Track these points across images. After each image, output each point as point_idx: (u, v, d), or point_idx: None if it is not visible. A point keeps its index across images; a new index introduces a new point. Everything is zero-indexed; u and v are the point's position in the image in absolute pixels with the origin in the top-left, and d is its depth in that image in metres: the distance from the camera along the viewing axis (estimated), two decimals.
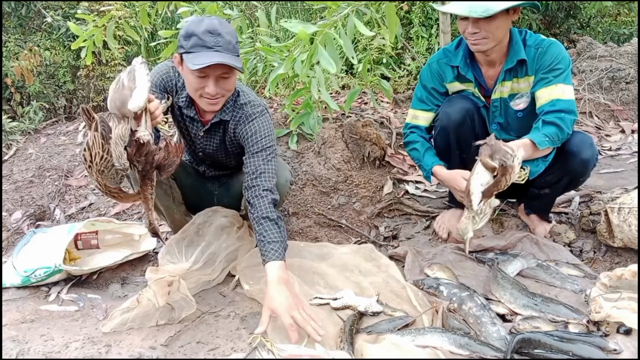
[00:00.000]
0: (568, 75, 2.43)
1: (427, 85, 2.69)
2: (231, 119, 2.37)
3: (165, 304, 2.19)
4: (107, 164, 1.90)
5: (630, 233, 2.31)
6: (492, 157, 2.14)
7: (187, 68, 2.14)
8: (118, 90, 1.94)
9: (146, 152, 1.98)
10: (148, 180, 2.06)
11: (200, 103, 2.27)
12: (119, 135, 1.88)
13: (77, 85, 5.30)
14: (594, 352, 1.79)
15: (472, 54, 2.55)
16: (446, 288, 2.25)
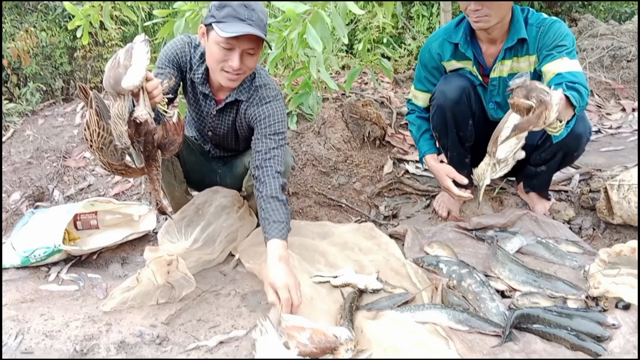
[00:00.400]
0: (573, 52, 2.40)
1: (427, 65, 2.68)
2: (246, 99, 2.36)
3: (165, 283, 2.19)
4: (105, 141, 1.89)
5: (630, 210, 2.31)
6: (527, 96, 2.00)
7: (213, 38, 2.10)
8: (113, 68, 1.90)
9: (145, 132, 1.95)
10: (152, 161, 2.03)
11: (219, 77, 2.22)
12: (117, 114, 1.86)
13: (74, 66, 5.26)
14: (593, 327, 1.80)
15: (472, 32, 2.53)
16: (446, 265, 2.25)
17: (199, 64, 2.32)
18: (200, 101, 2.42)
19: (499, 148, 2.11)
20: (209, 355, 1.88)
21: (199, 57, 2.32)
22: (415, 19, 5.14)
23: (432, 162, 2.71)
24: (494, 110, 2.68)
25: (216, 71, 2.20)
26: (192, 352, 1.90)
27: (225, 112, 2.42)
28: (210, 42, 2.14)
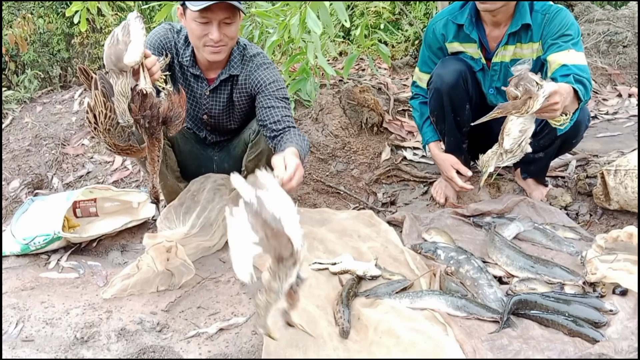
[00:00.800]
0: (579, 42, 2.40)
1: (431, 46, 2.68)
2: (241, 73, 2.39)
3: (165, 270, 2.21)
4: (113, 122, 1.91)
5: (627, 195, 2.32)
6: (517, 85, 2.06)
7: (190, 16, 2.17)
8: (113, 45, 1.93)
9: (150, 105, 1.96)
10: (155, 140, 2.04)
11: (204, 53, 2.27)
12: (120, 91, 1.89)
13: (71, 53, 5.25)
14: (590, 313, 1.82)
15: (477, 13, 2.52)
16: (444, 251, 2.26)
17: (185, 47, 2.37)
18: (192, 84, 2.44)
19: (504, 138, 2.15)
20: (210, 342, 1.90)
21: (184, 41, 2.37)
22: (412, 5, 5.10)
23: (436, 150, 2.73)
24: (493, 95, 2.68)
25: (199, 48, 2.26)
26: (192, 339, 1.92)
27: (219, 91, 2.44)
28: (188, 21, 2.22)
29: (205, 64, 2.40)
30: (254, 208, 1.69)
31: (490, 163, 2.25)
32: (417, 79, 2.81)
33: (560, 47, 2.37)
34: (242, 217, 1.73)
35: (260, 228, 1.67)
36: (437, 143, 2.75)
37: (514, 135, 2.15)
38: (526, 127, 2.16)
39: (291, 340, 1.77)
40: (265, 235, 1.67)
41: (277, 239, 1.66)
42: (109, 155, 3.49)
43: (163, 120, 2.02)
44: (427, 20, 4.81)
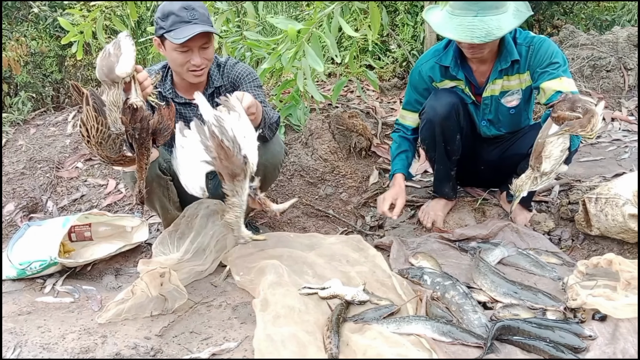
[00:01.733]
0: (567, 69, 2.51)
1: (417, 87, 2.78)
2: (226, 82, 2.55)
3: (159, 295, 2.26)
4: (104, 135, 1.99)
5: (607, 222, 2.40)
6: (572, 108, 2.12)
7: (170, 46, 2.31)
8: (105, 58, 2.03)
9: (140, 118, 2.04)
10: (144, 149, 2.12)
11: (187, 77, 2.42)
12: (111, 101, 1.98)
13: (64, 74, 5.29)
14: (570, 339, 1.88)
15: (462, 54, 2.62)
16: (430, 277, 2.33)
17: (162, 81, 2.52)
18: (182, 112, 2.56)
19: (544, 161, 2.20)
20: None
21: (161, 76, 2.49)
22: (400, 27, 5.21)
23: (397, 180, 2.81)
24: (486, 127, 2.77)
25: (183, 73, 2.41)
26: None
27: None
28: (168, 51, 2.36)
29: (187, 90, 2.52)
30: (211, 129, 1.90)
31: (524, 187, 2.31)
32: (400, 117, 2.91)
33: (552, 74, 2.47)
34: (194, 137, 1.94)
35: (215, 149, 1.88)
36: (403, 176, 2.83)
37: (555, 156, 2.20)
38: (565, 147, 2.22)
39: None
40: (219, 156, 1.88)
41: (230, 159, 1.88)
42: (103, 179, 3.54)
43: (152, 131, 2.11)
44: (415, 43, 4.92)
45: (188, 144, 1.97)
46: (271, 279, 2.27)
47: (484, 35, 2.34)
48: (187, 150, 1.97)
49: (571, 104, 2.13)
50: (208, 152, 1.92)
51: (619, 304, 1.94)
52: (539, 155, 2.21)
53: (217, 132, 1.92)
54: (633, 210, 2.30)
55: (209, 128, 1.95)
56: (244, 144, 1.97)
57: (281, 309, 2.09)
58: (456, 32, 2.38)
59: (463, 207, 2.99)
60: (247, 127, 2.01)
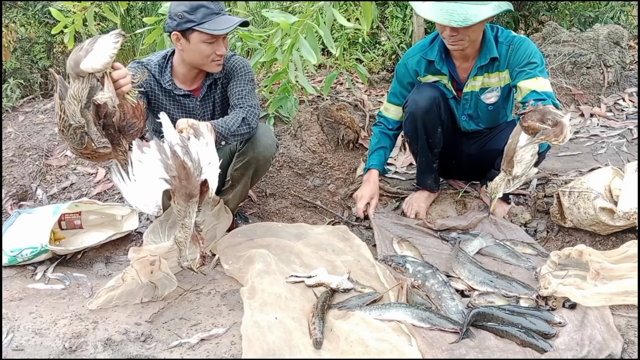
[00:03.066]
0: (544, 69, 2.61)
1: (402, 81, 2.86)
2: (222, 74, 2.60)
3: (149, 282, 2.32)
4: (65, 124, 2.00)
5: (579, 215, 2.51)
6: (542, 120, 2.20)
7: (199, 39, 2.37)
8: (76, 52, 2.04)
9: (104, 114, 2.05)
10: (116, 145, 2.13)
11: (210, 68, 2.50)
12: (72, 94, 1.98)
13: (52, 61, 5.29)
14: (541, 325, 1.98)
15: (447, 49, 2.70)
16: (412, 266, 2.42)
17: (161, 74, 2.55)
18: (182, 102, 2.59)
19: (515, 166, 2.28)
20: (191, 351, 2.02)
21: (159, 69, 2.55)
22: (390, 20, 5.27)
23: (372, 176, 2.93)
24: (465, 122, 2.87)
25: (206, 64, 2.47)
26: (175, 349, 2.03)
27: (206, 99, 2.64)
28: (194, 43, 2.39)
29: (185, 81, 2.58)
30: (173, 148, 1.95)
31: (499, 189, 2.38)
32: (384, 109, 3.00)
33: (529, 74, 2.56)
34: (153, 154, 1.98)
35: (176, 168, 1.93)
36: (377, 172, 2.95)
37: (526, 160, 2.29)
38: (535, 152, 2.31)
39: (269, 350, 1.91)
40: (179, 175, 1.93)
41: (190, 179, 1.93)
42: (92, 167, 3.58)
43: (118, 129, 2.11)
44: (404, 36, 4.99)
45: (146, 160, 2.00)
46: (259, 267, 2.35)
47: (462, 20, 2.41)
48: (145, 167, 2.00)
49: (541, 115, 2.22)
50: (168, 170, 1.95)
51: (588, 293, 2.05)
52: (511, 160, 2.29)
53: (180, 152, 1.97)
54: (604, 203, 2.41)
55: (170, 147, 1.98)
56: (207, 169, 2.02)
57: (268, 296, 2.18)
58: (436, 15, 2.45)
59: (445, 199, 3.09)
60: (212, 155, 2.07)
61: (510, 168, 2.30)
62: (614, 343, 1.87)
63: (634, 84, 4.44)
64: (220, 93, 2.66)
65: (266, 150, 2.62)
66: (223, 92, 2.66)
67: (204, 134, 2.11)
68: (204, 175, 1.99)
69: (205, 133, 2.12)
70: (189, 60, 2.49)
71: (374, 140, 2.99)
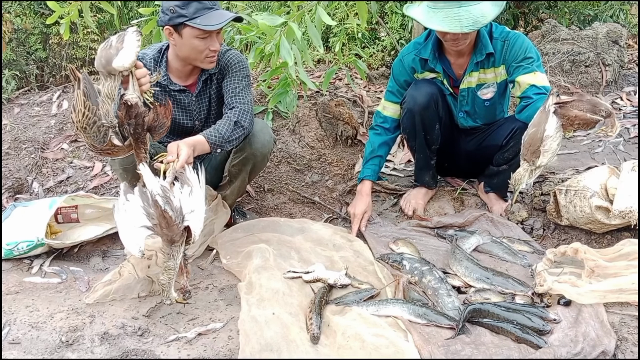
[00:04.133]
0: (540, 64, 2.63)
1: (399, 79, 2.85)
2: (217, 69, 2.58)
3: (146, 277, 2.33)
4: (89, 121, 2.01)
5: (575, 213, 2.52)
6: (594, 111, 2.19)
7: (191, 34, 2.33)
8: (105, 49, 2.07)
9: (135, 114, 2.09)
10: (141, 143, 2.16)
11: (203, 65, 2.46)
12: (106, 93, 2.02)
13: (48, 53, 5.26)
14: (536, 322, 1.99)
15: (440, 47, 2.71)
16: (409, 262, 2.43)
17: (156, 68, 2.52)
18: (178, 98, 2.59)
19: (542, 155, 2.26)
20: (189, 346, 2.03)
21: (154, 64, 2.52)
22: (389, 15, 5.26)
23: (366, 188, 2.89)
24: (463, 118, 2.87)
25: (199, 60, 2.43)
26: (172, 343, 2.04)
27: (202, 94, 2.63)
28: (187, 39, 2.36)
29: (181, 76, 2.57)
30: (154, 198, 1.97)
31: (522, 181, 2.36)
32: (382, 107, 2.98)
33: (526, 69, 2.58)
34: (136, 202, 2.01)
35: (157, 217, 1.96)
36: (371, 184, 2.92)
37: (553, 150, 2.27)
38: (561, 141, 2.29)
39: (266, 344, 1.91)
40: (160, 223, 1.96)
41: (170, 227, 1.96)
42: (89, 161, 3.57)
43: (148, 128, 2.15)
44: (403, 32, 4.98)
45: (130, 208, 2.04)
46: (257, 263, 2.35)
47: (471, 23, 2.42)
48: (129, 215, 2.03)
49: (592, 105, 2.20)
50: (149, 218, 1.99)
51: (582, 291, 2.06)
52: (537, 149, 2.26)
53: (160, 202, 1.99)
54: (600, 202, 2.42)
55: (152, 196, 2.01)
56: (190, 217, 2.04)
57: (266, 292, 2.18)
58: (445, 24, 2.45)
59: (443, 196, 3.10)
60: (197, 202, 2.09)
61: (535, 158, 2.27)
62: (608, 340, 1.88)
63: (632, 82, 4.45)
64: (216, 89, 2.65)
65: (264, 147, 2.62)
66: (219, 88, 2.65)
67: (190, 181, 2.12)
68: (187, 222, 2.02)
69: (192, 180, 2.12)
70: (182, 55, 2.46)
71: (369, 149, 2.94)
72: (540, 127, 2.26)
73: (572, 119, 2.22)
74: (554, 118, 2.24)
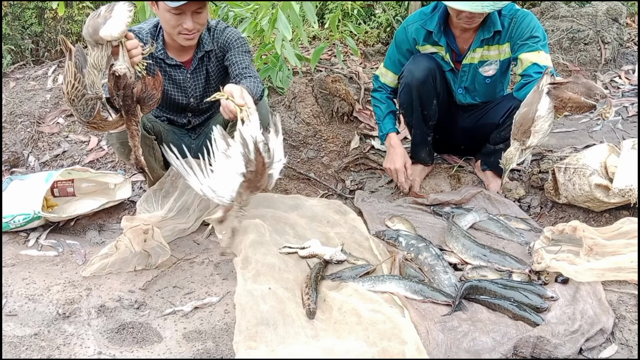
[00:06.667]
0: (546, 44, 2.60)
1: (401, 47, 2.82)
2: (216, 47, 2.56)
3: (142, 251, 2.32)
4: (78, 93, 1.98)
5: (574, 191, 2.52)
6: (589, 95, 2.18)
7: (163, 7, 2.31)
8: (93, 18, 2.02)
9: (124, 85, 2.05)
10: (131, 115, 2.13)
11: (178, 40, 2.43)
12: (92, 63, 1.97)
13: (44, 27, 5.19)
14: (533, 299, 2.00)
15: (446, 21, 2.68)
16: (405, 239, 2.43)
17: (153, 39, 2.49)
18: (172, 73, 2.56)
19: (532, 135, 2.26)
20: (185, 319, 2.03)
21: (150, 37, 2.50)
22: None
23: (395, 139, 2.89)
24: (462, 95, 2.85)
25: (174, 35, 2.41)
26: (168, 317, 2.05)
27: (197, 71, 2.60)
28: (161, 11, 2.36)
29: (178, 51, 2.54)
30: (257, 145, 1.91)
31: (513, 160, 2.37)
32: (380, 73, 2.96)
33: (531, 47, 2.56)
34: (237, 148, 1.94)
35: (256, 164, 1.91)
36: (397, 134, 2.92)
37: (544, 130, 2.27)
38: (552, 122, 2.30)
39: (262, 318, 1.91)
40: (257, 170, 1.91)
41: (263, 175, 1.93)
42: (85, 135, 3.55)
43: (137, 100, 2.11)
44: (399, 8, 4.93)
45: (232, 153, 1.97)
46: (253, 238, 2.34)
47: (492, 4, 2.42)
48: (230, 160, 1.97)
49: (587, 89, 2.19)
50: (249, 165, 1.93)
51: (580, 268, 2.06)
52: (528, 129, 2.26)
53: (262, 149, 1.93)
54: (599, 180, 2.42)
55: (255, 143, 1.94)
56: (276, 165, 2.02)
57: (262, 267, 2.18)
58: (470, 5, 2.44)
59: (439, 173, 3.09)
60: (281, 152, 2.06)
61: (526, 138, 2.27)
62: (606, 318, 1.89)
63: (630, 61, 4.42)
64: (215, 66, 2.61)
65: (262, 121, 2.59)
66: (217, 66, 2.61)
67: (279, 131, 2.08)
68: (272, 170, 1.98)
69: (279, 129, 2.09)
70: (163, 27, 2.47)
71: (382, 106, 2.94)
72: (532, 107, 2.26)
73: (565, 101, 2.21)
74: (547, 98, 2.24)
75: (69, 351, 1.88)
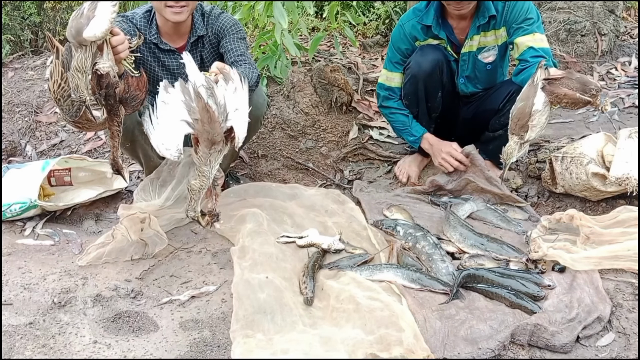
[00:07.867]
0: (540, 25, 2.60)
1: (400, 47, 2.81)
2: (209, 32, 2.54)
3: (139, 240, 2.31)
4: (64, 93, 1.96)
5: (571, 180, 2.51)
6: (585, 90, 2.18)
7: None
8: (76, 18, 1.94)
9: (106, 85, 1.99)
10: (114, 115, 2.09)
11: (165, 13, 2.38)
12: (75, 66, 1.91)
13: (43, 17, 5.17)
14: (530, 287, 2.00)
15: (443, 13, 2.67)
16: (402, 228, 2.42)
17: (147, 26, 2.49)
18: (166, 62, 2.56)
19: (530, 129, 2.26)
20: (182, 308, 2.03)
21: (145, 21, 2.49)
22: None
23: (433, 137, 2.85)
24: (464, 85, 2.84)
25: (162, 9, 2.37)
26: (165, 306, 2.04)
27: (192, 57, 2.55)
28: None
29: (171, 36, 2.52)
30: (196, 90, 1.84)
31: (513, 154, 2.36)
32: (387, 79, 2.90)
33: (526, 30, 2.56)
34: (176, 95, 1.88)
35: (199, 110, 1.83)
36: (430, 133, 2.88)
37: (541, 124, 2.27)
38: (549, 115, 2.30)
39: (259, 307, 1.92)
40: (202, 118, 1.83)
41: (213, 124, 1.83)
42: None
43: (119, 100, 2.06)
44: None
45: (171, 100, 1.91)
46: (251, 227, 2.34)
47: None
48: (169, 108, 1.91)
49: (581, 84, 2.19)
50: (191, 113, 1.87)
51: (577, 257, 2.07)
52: (525, 124, 2.26)
53: (204, 94, 1.87)
54: (596, 169, 2.41)
55: (194, 88, 1.89)
56: (234, 116, 1.91)
57: (259, 256, 2.18)
58: None
59: None
60: (242, 102, 1.95)
61: (524, 132, 2.28)
62: (603, 306, 1.89)
63: (627, 53, 4.41)
64: (210, 53, 2.59)
65: (257, 109, 2.58)
66: (212, 52, 2.59)
67: (234, 79, 1.99)
68: (230, 122, 1.89)
69: (236, 79, 2.00)
70: (154, 7, 2.44)
71: (403, 112, 2.87)
72: (528, 101, 2.26)
73: (560, 97, 2.22)
74: (542, 93, 2.24)
75: (64, 340, 1.87)
